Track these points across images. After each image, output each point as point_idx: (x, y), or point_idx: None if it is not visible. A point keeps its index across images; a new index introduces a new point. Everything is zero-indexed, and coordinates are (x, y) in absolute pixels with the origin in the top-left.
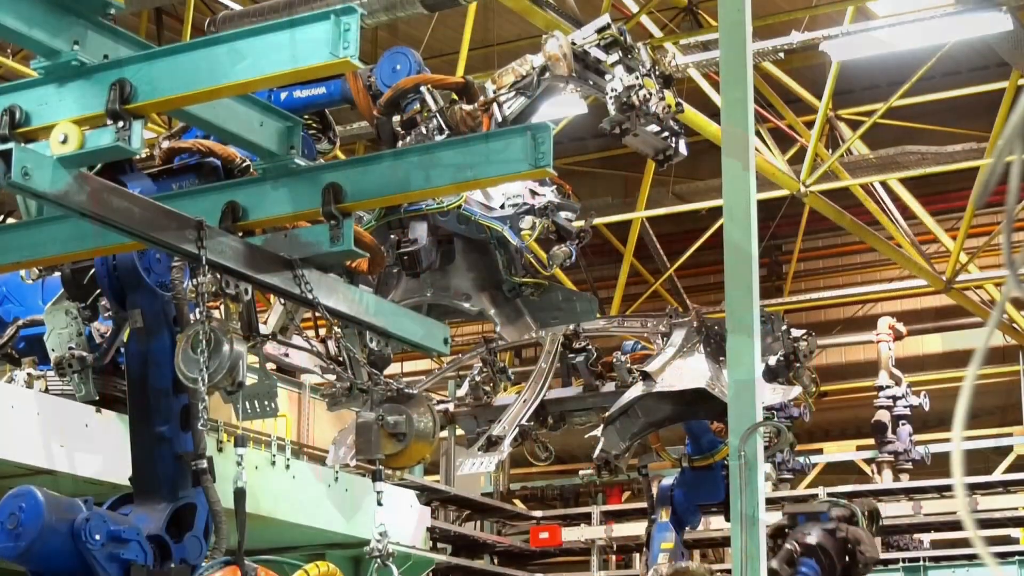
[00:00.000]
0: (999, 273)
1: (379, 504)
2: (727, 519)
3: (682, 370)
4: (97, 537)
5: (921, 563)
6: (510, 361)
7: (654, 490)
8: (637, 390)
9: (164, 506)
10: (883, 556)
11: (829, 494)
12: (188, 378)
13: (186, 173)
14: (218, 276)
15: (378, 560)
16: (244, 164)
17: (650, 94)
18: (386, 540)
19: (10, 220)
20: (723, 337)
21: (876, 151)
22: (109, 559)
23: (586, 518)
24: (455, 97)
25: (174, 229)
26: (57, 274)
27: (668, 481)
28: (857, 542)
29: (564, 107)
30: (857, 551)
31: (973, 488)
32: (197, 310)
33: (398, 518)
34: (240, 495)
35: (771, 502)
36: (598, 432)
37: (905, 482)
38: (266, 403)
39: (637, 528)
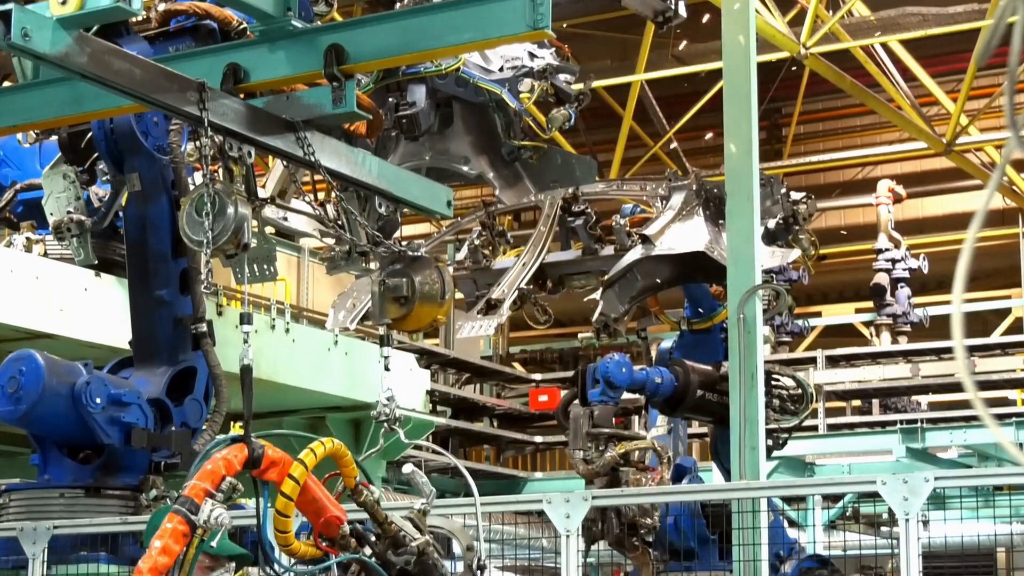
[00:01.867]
0: (999, 135)
1: (386, 369)
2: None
3: (681, 233)
4: (98, 400)
5: (919, 425)
6: (509, 224)
7: (653, 353)
8: (636, 253)
9: (164, 369)
10: (881, 418)
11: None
12: (192, 240)
13: (182, 36)
14: (220, 139)
15: (384, 424)
16: (241, 27)
17: None
18: (393, 404)
19: (6, 83)
20: (722, 200)
21: (877, 12)
22: (110, 422)
23: None
24: None
25: (175, 91)
26: (54, 138)
27: (667, 344)
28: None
29: None
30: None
31: (971, 350)
32: (198, 172)
33: (398, 381)
34: (247, 372)
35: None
36: (597, 295)
37: (903, 344)
38: (265, 267)
39: None
